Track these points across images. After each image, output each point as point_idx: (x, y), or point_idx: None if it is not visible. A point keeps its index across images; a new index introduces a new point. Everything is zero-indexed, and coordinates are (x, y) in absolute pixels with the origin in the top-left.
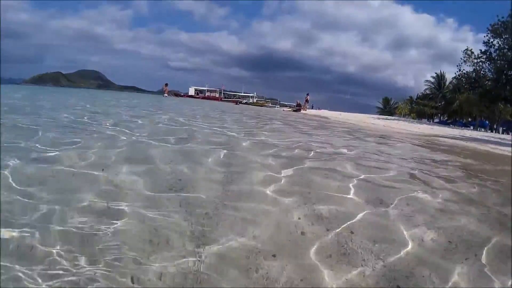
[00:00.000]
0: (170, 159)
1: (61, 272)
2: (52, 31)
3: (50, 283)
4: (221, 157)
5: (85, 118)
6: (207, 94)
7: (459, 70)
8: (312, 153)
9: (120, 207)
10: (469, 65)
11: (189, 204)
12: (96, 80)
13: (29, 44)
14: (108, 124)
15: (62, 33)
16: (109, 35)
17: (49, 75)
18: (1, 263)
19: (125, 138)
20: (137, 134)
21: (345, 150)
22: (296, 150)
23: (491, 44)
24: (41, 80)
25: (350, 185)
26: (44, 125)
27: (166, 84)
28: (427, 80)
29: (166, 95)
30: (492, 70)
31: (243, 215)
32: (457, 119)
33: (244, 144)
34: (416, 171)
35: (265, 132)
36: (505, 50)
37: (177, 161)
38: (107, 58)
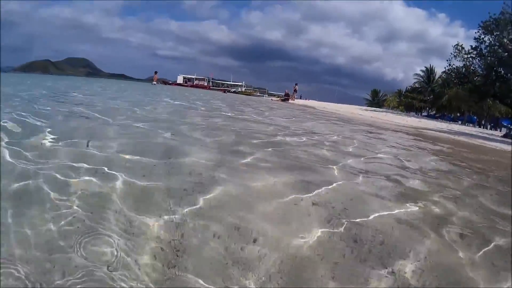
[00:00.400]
0: None
1: None
2: (41, 19)
3: None
4: None
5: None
6: (196, 82)
7: (449, 64)
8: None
9: None
10: (459, 60)
11: None
12: (85, 68)
13: (17, 33)
14: None
15: (51, 22)
16: (98, 23)
17: (37, 63)
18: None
19: None
20: None
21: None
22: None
23: (482, 40)
24: (30, 68)
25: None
26: None
27: (156, 72)
28: (416, 74)
29: (155, 82)
30: (482, 66)
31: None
32: (445, 113)
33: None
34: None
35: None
36: (496, 47)
37: None
38: (96, 46)
